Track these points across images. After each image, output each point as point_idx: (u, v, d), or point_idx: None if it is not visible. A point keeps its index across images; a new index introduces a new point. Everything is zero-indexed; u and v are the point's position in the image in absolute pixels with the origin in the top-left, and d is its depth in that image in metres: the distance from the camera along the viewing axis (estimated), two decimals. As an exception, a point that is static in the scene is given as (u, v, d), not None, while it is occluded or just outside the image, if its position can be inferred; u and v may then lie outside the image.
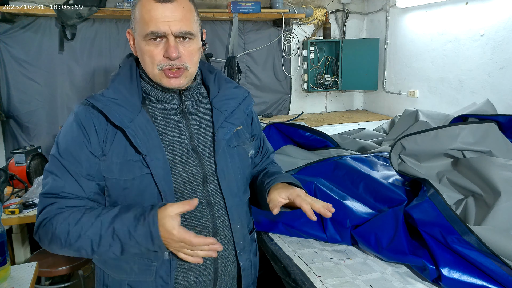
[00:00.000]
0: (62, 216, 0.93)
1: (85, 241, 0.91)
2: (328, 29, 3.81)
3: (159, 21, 0.93)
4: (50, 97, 3.15)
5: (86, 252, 0.93)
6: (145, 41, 0.96)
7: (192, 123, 1.06)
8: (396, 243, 1.23)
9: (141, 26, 0.96)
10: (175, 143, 1.02)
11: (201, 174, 1.03)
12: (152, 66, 0.98)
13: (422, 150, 1.47)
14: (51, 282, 2.41)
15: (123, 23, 3.25)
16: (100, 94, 1.01)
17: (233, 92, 1.13)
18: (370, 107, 4.08)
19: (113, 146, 0.97)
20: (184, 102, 1.06)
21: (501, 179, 1.23)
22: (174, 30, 0.94)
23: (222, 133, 1.06)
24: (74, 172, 0.96)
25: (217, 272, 1.07)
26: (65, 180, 0.96)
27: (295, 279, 1.23)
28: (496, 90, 2.57)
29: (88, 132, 0.97)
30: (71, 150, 0.96)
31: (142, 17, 0.95)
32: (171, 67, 0.97)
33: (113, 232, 0.90)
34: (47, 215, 0.95)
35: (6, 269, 1.34)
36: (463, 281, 1.07)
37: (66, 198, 0.96)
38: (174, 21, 0.94)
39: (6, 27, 2.95)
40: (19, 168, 2.43)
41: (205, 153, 1.05)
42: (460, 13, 2.80)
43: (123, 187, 0.97)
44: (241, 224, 1.11)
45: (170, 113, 1.04)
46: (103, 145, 0.97)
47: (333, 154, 1.85)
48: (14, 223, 2.13)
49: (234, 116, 1.10)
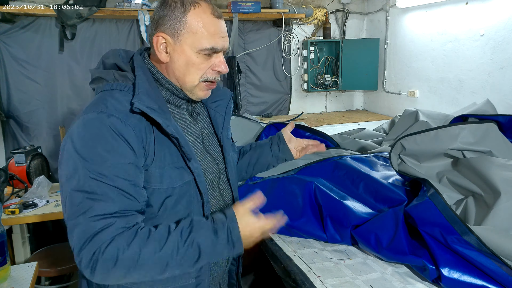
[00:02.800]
0: (125, 237, 0.82)
1: (159, 259, 0.83)
2: (328, 29, 3.81)
3: (219, 37, 0.96)
4: (50, 97, 3.15)
5: (159, 273, 0.84)
6: (197, 53, 0.95)
7: (200, 125, 1.09)
8: (396, 243, 1.23)
9: (197, 38, 0.94)
10: (194, 146, 1.03)
11: (216, 173, 1.08)
12: (195, 76, 0.98)
13: (422, 150, 1.47)
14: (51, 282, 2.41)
15: (123, 23, 3.25)
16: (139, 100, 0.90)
17: (221, 93, 1.17)
18: (370, 107, 4.08)
19: (156, 155, 0.92)
20: (191, 106, 1.08)
21: (501, 179, 1.23)
22: (226, 46, 0.99)
23: (226, 132, 1.13)
24: (122, 185, 0.85)
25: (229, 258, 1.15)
26: (114, 198, 0.84)
27: (295, 279, 1.23)
28: (496, 90, 2.57)
29: (130, 141, 0.87)
30: (113, 161, 0.85)
31: (200, 29, 0.94)
32: (214, 81, 1.01)
33: (192, 243, 0.85)
34: (104, 240, 0.81)
35: (6, 269, 1.34)
36: (463, 281, 1.07)
37: (121, 217, 0.84)
38: (226, 37, 0.98)
39: (6, 27, 2.95)
40: (19, 168, 2.43)
41: (214, 153, 1.10)
42: (460, 13, 2.80)
43: (166, 196, 0.93)
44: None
45: (185, 117, 1.06)
46: (146, 155, 0.91)
47: (333, 154, 1.85)
48: (14, 223, 2.13)
49: (228, 115, 1.16)
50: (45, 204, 2.23)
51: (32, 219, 2.12)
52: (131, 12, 3.04)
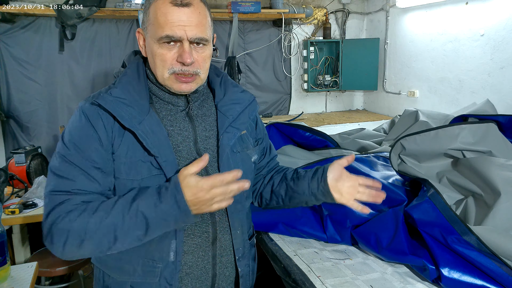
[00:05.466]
0: (78, 210, 0.88)
1: (107, 227, 0.87)
2: (328, 29, 3.81)
3: (175, 25, 0.92)
4: (50, 97, 3.15)
5: (108, 242, 0.88)
6: (158, 44, 0.95)
7: (197, 126, 1.05)
8: (396, 243, 1.23)
9: (155, 28, 0.94)
10: (181, 145, 1.01)
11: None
12: (162, 69, 0.96)
13: (422, 150, 1.47)
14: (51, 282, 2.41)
15: (123, 23, 3.25)
16: (107, 93, 0.97)
17: (239, 97, 1.12)
18: (370, 107, 4.08)
19: (121, 146, 0.95)
20: (190, 105, 1.05)
21: (501, 179, 1.23)
22: (189, 35, 0.94)
23: (226, 138, 1.04)
24: (85, 167, 0.92)
25: (215, 278, 1.06)
26: (75, 177, 0.91)
27: (295, 279, 1.23)
28: (496, 90, 2.57)
29: (97, 128, 0.94)
30: (81, 146, 0.93)
31: (157, 19, 0.94)
32: (183, 73, 0.96)
33: (137, 209, 0.87)
34: (59, 214, 0.88)
35: (6, 269, 1.34)
36: (463, 281, 1.07)
37: (79, 194, 0.91)
38: (190, 26, 0.93)
39: (6, 27, 2.95)
40: (19, 168, 2.43)
41: (209, 157, 1.02)
42: (460, 13, 2.80)
43: (130, 187, 0.95)
44: (242, 230, 1.11)
45: (176, 115, 1.03)
46: (113, 143, 0.95)
47: (333, 154, 1.85)
48: (14, 223, 2.13)
49: (239, 121, 1.08)
50: (45, 204, 2.23)
51: (32, 219, 2.12)
52: (131, 12, 3.04)
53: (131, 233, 0.88)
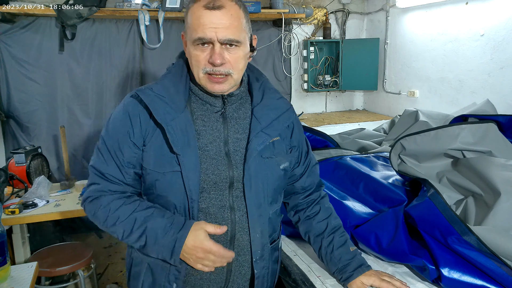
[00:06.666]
0: (105, 200, 1.04)
1: (118, 229, 1.03)
2: (328, 29, 3.81)
3: (207, 27, 0.97)
4: (50, 97, 3.15)
5: (117, 237, 1.04)
6: (193, 46, 1.00)
7: (230, 128, 1.07)
8: (396, 243, 1.23)
9: (190, 31, 1.00)
10: (210, 145, 1.04)
11: (228, 178, 1.05)
12: (197, 69, 1.01)
13: (422, 150, 1.47)
14: (51, 282, 2.41)
15: (123, 23, 3.25)
16: (149, 88, 1.05)
17: (275, 103, 1.13)
18: (370, 107, 4.09)
19: (152, 139, 1.03)
20: (226, 106, 1.07)
21: (501, 179, 1.23)
22: (220, 37, 0.97)
23: (256, 142, 1.06)
24: (117, 158, 1.04)
25: (230, 273, 1.09)
26: (109, 163, 1.04)
27: (295, 279, 1.23)
28: (496, 90, 2.57)
29: (134, 123, 1.03)
30: (117, 137, 1.04)
31: (192, 22, 0.99)
32: (214, 73, 1.00)
33: (143, 232, 1.00)
34: (92, 194, 1.06)
35: (6, 269, 1.34)
36: (463, 281, 1.07)
37: (109, 181, 1.05)
38: (221, 28, 0.97)
39: (6, 27, 2.95)
40: (19, 168, 2.42)
41: (237, 159, 1.06)
42: (460, 13, 2.80)
43: (155, 179, 1.03)
44: (262, 233, 1.10)
45: (211, 115, 1.07)
46: (145, 137, 1.04)
47: (333, 154, 1.85)
48: (14, 223, 2.13)
49: (272, 127, 1.09)
50: (45, 204, 2.23)
51: (32, 219, 2.12)
52: (131, 12, 3.04)
53: (132, 243, 1.04)
